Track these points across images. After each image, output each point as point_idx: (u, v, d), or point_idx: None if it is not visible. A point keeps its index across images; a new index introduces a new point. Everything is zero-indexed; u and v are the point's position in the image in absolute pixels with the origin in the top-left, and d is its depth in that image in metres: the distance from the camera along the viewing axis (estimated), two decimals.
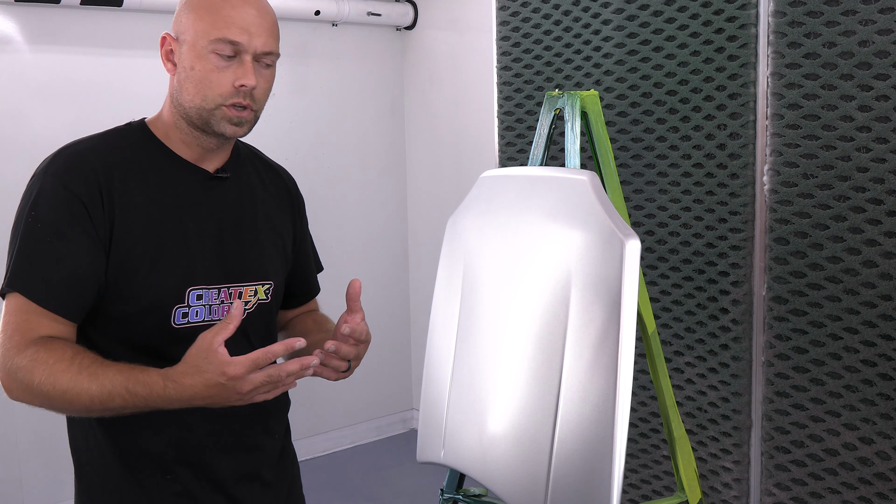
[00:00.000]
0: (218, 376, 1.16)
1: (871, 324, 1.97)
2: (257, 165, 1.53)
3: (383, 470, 3.91)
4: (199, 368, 1.17)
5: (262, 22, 1.33)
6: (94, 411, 1.23)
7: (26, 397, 1.24)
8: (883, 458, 1.99)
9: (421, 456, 1.88)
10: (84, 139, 1.38)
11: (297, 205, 1.58)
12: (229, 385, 1.17)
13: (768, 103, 2.07)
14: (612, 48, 2.38)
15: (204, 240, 1.38)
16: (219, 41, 1.30)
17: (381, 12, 4.00)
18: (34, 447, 3.28)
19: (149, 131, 1.40)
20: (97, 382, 1.20)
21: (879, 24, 1.87)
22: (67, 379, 1.20)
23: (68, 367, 1.21)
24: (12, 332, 1.24)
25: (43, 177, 1.33)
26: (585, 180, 1.60)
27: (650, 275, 2.37)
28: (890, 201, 1.91)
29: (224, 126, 1.34)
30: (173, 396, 1.19)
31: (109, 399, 1.20)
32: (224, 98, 1.32)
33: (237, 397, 1.19)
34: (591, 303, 1.53)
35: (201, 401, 1.19)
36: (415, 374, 4.37)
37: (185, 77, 1.33)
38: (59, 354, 1.22)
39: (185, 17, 1.34)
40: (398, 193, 4.32)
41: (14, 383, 1.23)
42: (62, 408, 1.24)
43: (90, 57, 3.32)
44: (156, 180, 1.36)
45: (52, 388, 1.20)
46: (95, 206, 1.29)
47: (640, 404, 2.45)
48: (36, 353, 1.22)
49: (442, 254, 1.87)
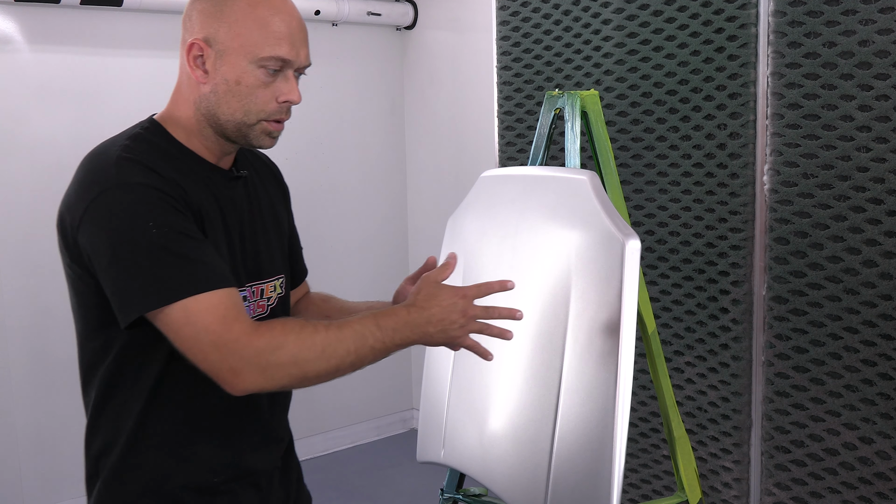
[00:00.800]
0: (454, 297, 1.31)
1: (871, 323, 1.97)
2: (248, 157, 1.52)
3: (383, 470, 3.91)
4: (434, 295, 1.31)
5: (302, 35, 1.33)
6: (345, 366, 1.26)
7: (273, 376, 1.23)
8: (883, 457, 1.98)
9: (421, 456, 1.88)
10: (119, 147, 1.30)
11: (287, 193, 1.60)
12: (461, 306, 1.30)
13: (768, 103, 2.07)
14: (612, 48, 2.38)
15: (233, 241, 1.39)
16: (271, 59, 1.29)
17: (381, 12, 3.99)
18: (34, 447, 3.28)
19: (168, 133, 1.37)
20: (348, 329, 1.26)
21: (879, 23, 1.87)
22: (321, 337, 1.24)
23: (315, 329, 1.25)
24: (224, 323, 1.21)
25: (126, 188, 1.25)
26: (585, 180, 1.60)
27: (650, 274, 2.37)
28: (890, 201, 1.91)
29: (262, 139, 1.35)
30: (416, 320, 1.29)
31: (362, 340, 1.26)
32: (267, 114, 1.32)
33: (461, 321, 1.31)
34: (591, 302, 1.53)
35: (434, 326, 1.30)
36: (415, 373, 4.37)
37: (227, 90, 1.31)
38: (298, 323, 1.27)
39: (221, 26, 1.30)
40: (398, 193, 4.32)
41: (257, 368, 1.21)
42: (316, 371, 1.25)
43: (90, 57, 3.32)
44: (197, 182, 1.34)
45: (311, 350, 1.23)
46: (185, 205, 1.28)
47: (640, 404, 2.45)
48: (272, 330, 1.23)
49: (442, 253, 1.87)
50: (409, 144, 4.31)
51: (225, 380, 1.22)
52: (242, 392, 1.24)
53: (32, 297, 3.25)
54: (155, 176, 1.27)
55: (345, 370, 1.27)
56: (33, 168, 3.22)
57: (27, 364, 3.26)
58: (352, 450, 4.17)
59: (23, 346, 3.24)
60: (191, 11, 1.33)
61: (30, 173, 3.22)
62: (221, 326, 1.21)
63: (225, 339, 1.20)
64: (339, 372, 1.27)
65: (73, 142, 3.29)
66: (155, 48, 3.45)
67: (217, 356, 1.21)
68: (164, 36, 3.47)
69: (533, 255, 1.65)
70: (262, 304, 1.42)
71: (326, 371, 1.25)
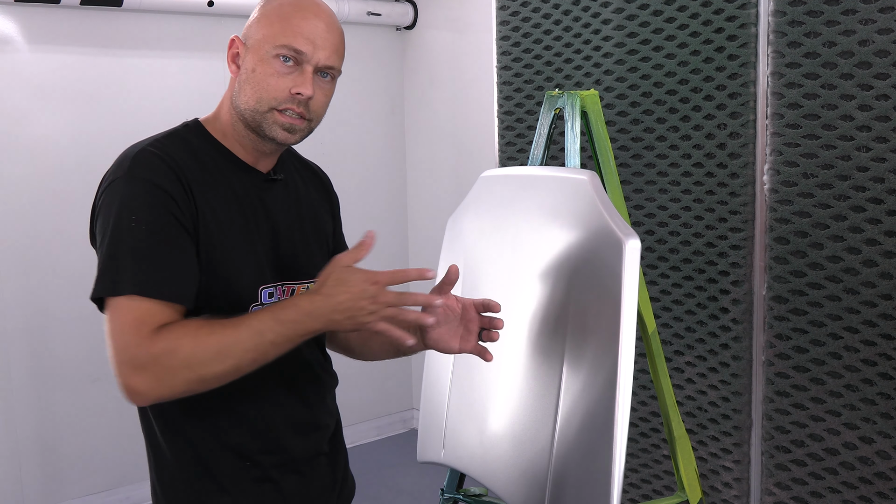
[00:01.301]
0: (365, 283, 1.24)
1: (871, 323, 1.97)
2: (297, 165, 1.56)
3: (384, 470, 3.91)
4: (343, 280, 1.25)
5: (328, 36, 1.36)
6: (245, 364, 1.25)
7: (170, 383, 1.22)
8: (883, 457, 1.98)
9: (421, 456, 1.88)
10: (148, 143, 1.37)
11: (335, 201, 1.63)
12: (371, 292, 1.24)
13: (768, 102, 2.07)
14: (611, 48, 2.38)
15: (264, 240, 1.41)
16: (283, 47, 1.33)
17: (381, 12, 3.99)
18: (34, 448, 3.28)
19: (206, 132, 1.41)
20: (245, 327, 1.24)
21: (879, 23, 1.87)
22: (216, 338, 1.23)
23: (211, 330, 1.24)
24: (135, 328, 1.23)
25: (130, 181, 1.30)
26: (585, 180, 1.60)
27: (650, 274, 2.37)
28: (890, 200, 1.91)
29: (276, 131, 1.36)
30: (320, 309, 1.24)
31: (260, 337, 1.23)
32: (278, 102, 1.34)
33: (372, 307, 1.25)
34: (591, 302, 1.53)
35: (341, 313, 1.25)
36: (415, 373, 4.37)
37: (245, 79, 1.36)
38: (196, 324, 1.25)
39: (255, 24, 1.37)
40: (398, 193, 4.32)
41: (153, 375, 1.21)
42: (213, 373, 1.23)
43: (90, 57, 3.32)
44: (221, 181, 1.38)
45: (205, 352, 1.22)
46: (185, 204, 1.31)
47: (640, 404, 2.45)
48: (170, 333, 1.23)
49: (442, 253, 1.87)
50: (409, 144, 4.31)
51: (125, 386, 1.22)
52: (140, 402, 1.24)
53: (32, 298, 3.24)
54: (166, 173, 1.31)
55: (246, 368, 1.26)
56: (33, 168, 3.22)
57: (27, 365, 3.26)
58: (352, 450, 4.17)
59: (23, 347, 3.24)
60: None
61: (29, 174, 3.22)
62: (130, 330, 1.23)
63: (127, 342, 1.22)
64: (239, 371, 1.26)
65: (73, 142, 3.29)
66: (155, 49, 3.45)
67: (118, 360, 1.22)
68: (164, 37, 3.47)
69: (533, 254, 1.65)
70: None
71: (225, 371, 1.24)
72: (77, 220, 3.23)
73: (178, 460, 1.40)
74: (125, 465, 3.44)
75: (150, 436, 1.43)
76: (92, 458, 3.41)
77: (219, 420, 1.39)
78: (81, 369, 3.34)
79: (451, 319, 1.45)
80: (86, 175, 3.27)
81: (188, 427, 1.39)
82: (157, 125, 1.50)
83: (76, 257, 3.25)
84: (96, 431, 3.40)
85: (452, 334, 1.45)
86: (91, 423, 3.38)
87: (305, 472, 1.48)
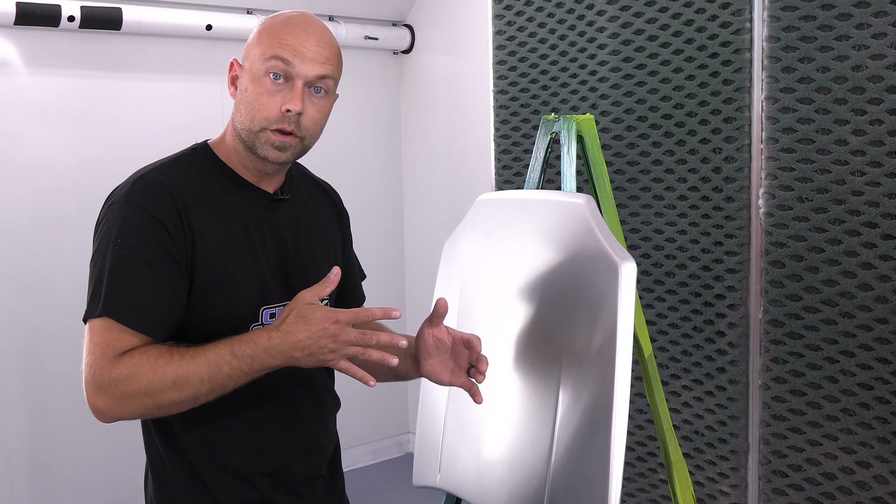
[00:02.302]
0: (325, 321, 1.24)
1: (867, 347, 1.97)
2: (306, 183, 1.57)
3: (379, 494, 3.89)
4: (304, 318, 1.25)
5: (319, 50, 1.36)
6: (202, 394, 1.26)
7: (129, 406, 1.25)
8: (881, 482, 1.98)
9: (417, 480, 1.87)
10: (154, 166, 1.39)
11: (344, 218, 1.64)
12: (332, 331, 1.23)
13: (763, 127, 2.08)
14: (607, 72, 2.40)
15: (270, 260, 1.42)
16: (271, 58, 1.33)
17: (379, 36, 4.02)
18: (27, 468, 3.26)
19: (213, 154, 1.43)
20: (202, 359, 1.25)
21: (872, 48, 1.89)
22: (173, 368, 1.24)
23: (170, 359, 1.25)
24: (102, 350, 1.26)
25: (125, 205, 1.33)
26: (581, 203, 1.61)
27: (646, 298, 2.37)
28: (885, 224, 1.91)
29: (267, 150, 1.36)
30: (278, 346, 1.25)
31: (217, 370, 1.25)
32: (269, 122, 1.35)
33: (332, 346, 1.24)
34: (587, 326, 1.52)
35: (300, 351, 1.25)
36: (411, 397, 4.36)
37: (240, 99, 1.37)
38: (156, 352, 1.26)
39: (250, 43, 1.39)
40: (395, 216, 4.33)
41: (112, 397, 1.25)
42: (170, 400, 1.25)
43: (88, 80, 3.33)
44: (225, 203, 1.39)
45: (161, 381, 1.24)
46: (178, 232, 1.32)
47: (636, 427, 2.44)
48: (131, 360, 1.25)
49: (438, 276, 1.87)
50: (406, 167, 4.32)
51: (89, 403, 1.26)
52: (103, 420, 1.27)
53: (27, 319, 3.24)
54: (163, 200, 1.32)
55: (204, 397, 1.27)
56: (30, 190, 3.23)
57: (21, 385, 3.24)
58: (348, 474, 4.14)
59: (17, 367, 3.23)
60: None
61: (26, 195, 3.22)
62: (97, 351, 1.26)
63: (93, 363, 1.26)
64: (197, 400, 1.27)
65: (71, 164, 3.30)
66: (153, 72, 3.47)
67: (86, 378, 1.26)
68: (163, 60, 3.49)
69: (529, 278, 1.65)
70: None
71: (181, 400, 1.26)
72: (73, 241, 3.23)
73: (177, 477, 1.40)
74: (118, 485, 3.42)
75: (151, 451, 1.43)
76: (85, 478, 3.38)
77: (219, 439, 1.39)
78: (75, 390, 3.30)
79: (442, 351, 1.43)
80: (82, 197, 3.28)
81: (188, 444, 1.39)
82: (155, 148, 1.51)
83: (71, 278, 3.24)
84: (89, 452, 3.38)
85: (444, 366, 1.44)
86: (84, 444, 3.36)
87: (304, 494, 1.48)
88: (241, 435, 1.40)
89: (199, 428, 1.38)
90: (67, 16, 3.11)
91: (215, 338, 1.33)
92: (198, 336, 1.35)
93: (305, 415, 1.46)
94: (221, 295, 1.35)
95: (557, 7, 2.50)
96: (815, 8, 1.96)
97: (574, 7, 2.46)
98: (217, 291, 1.35)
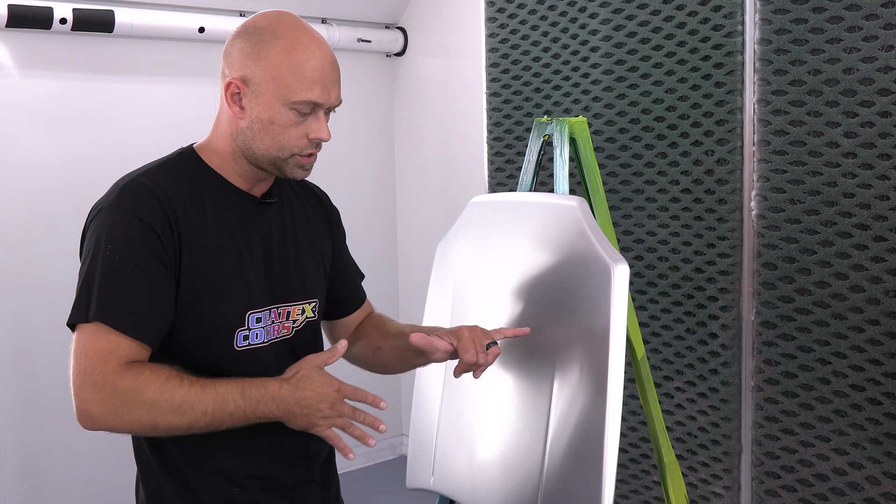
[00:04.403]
0: (328, 387, 1.31)
1: (859, 348, 1.97)
2: (294, 186, 1.57)
3: (373, 496, 3.88)
4: (312, 379, 1.32)
5: (335, 75, 1.38)
6: (199, 425, 1.28)
7: (124, 419, 1.25)
8: (873, 482, 1.98)
9: (410, 482, 1.87)
10: (140, 171, 1.39)
11: (333, 219, 1.63)
12: (332, 398, 1.31)
13: (755, 129, 2.09)
14: (600, 75, 2.40)
15: (256, 264, 1.42)
16: (303, 103, 1.35)
17: (372, 39, 4.02)
18: (19, 473, 3.25)
19: (199, 158, 1.43)
20: (211, 391, 1.28)
21: (864, 51, 1.90)
22: (182, 393, 1.26)
23: (179, 383, 1.27)
24: (103, 358, 1.26)
25: (114, 210, 1.33)
26: (574, 205, 1.61)
27: (639, 300, 2.37)
28: (876, 226, 1.92)
29: (296, 171, 1.40)
30: (284, 398, 1.30)
31: (222, 405, 1.28)
32: (300, 150, 1.38)
33: (327, 412, 1.32)
34: (579, 328, 1.53)
35: (301, 409, 1.31)
36: (404, 399, 4.35)
37: (261, 129, 1.36)
38: (167, 373, 1.28)
39: (258, 68, 1.34)
40: (388, 218, 4.33)
41: (110, 406, 1.24)
42: (168, 423, 1.26)
43: (80, 82, 3.32)
44: (211, 208, 1.39)
45: (167, 403, 1.25)
46: (167, 237, 1.32)
47: (629, 429, 2.45)
48: (141, 374, 1.26)
49: (432, 279, 1.87)
50: (399, 170, 4.32)
51: (77, 408, 1.26)
52: (89, 426, 1.27)
53: (18, 322, 3.22)
54: (151, 205, 1.33)
55: (199, 428, 1.29)
56: (22, 192, 3.21)
57: (12, 389, 3.23)
58: (342, 476, 4.13)
59: (8, 370, 3.22)
60: (231, 48, 1.39)
61: (18, 197, 3.21)
62: (99, 357, 1.26)
63: (93, 367, 1.25)
64: (192, 429, 1.29)
65: (62, 167, 3.29)
66: (145, 74, 3.46)
67: (79, 382, 1.26)
68: (155, 62, 3.48)
69: (522, 280, 1.65)
70: (287, 326, 1.46)
71: (178, 426, 1.28)
72: (65, 244, 3.22)
73: (167, 483, 1.40)
74: (109, 489, 3.41)
75: (141, 457, 1.43)
76: (76, 482, 3.37)
77: (207, 444, 1.38)
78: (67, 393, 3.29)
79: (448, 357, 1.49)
80: (74, 200, 3.26)
81: (176, 450, 1.39)
82: (147, 150, 1.50)
83: (63, 282, 3.23)
84: (81, 456, 3.36)
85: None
86: (75, 448, 3.35)
87: (295, 498, 1.48)
88: (230, 440, 1.39)
89: (188, 434, 1.37)
90: (59, 18, 3.10)
91: (201, 342, 1.34)
92: (184, 340, 1.35)
93: None
94: (207, 299, 1.36)
95: (550, 10, 2.51)
96: (806, 11, 1.97)
97: (566, 10, 2.47)
98: (203, 296, 1.35)
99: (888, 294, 1.92)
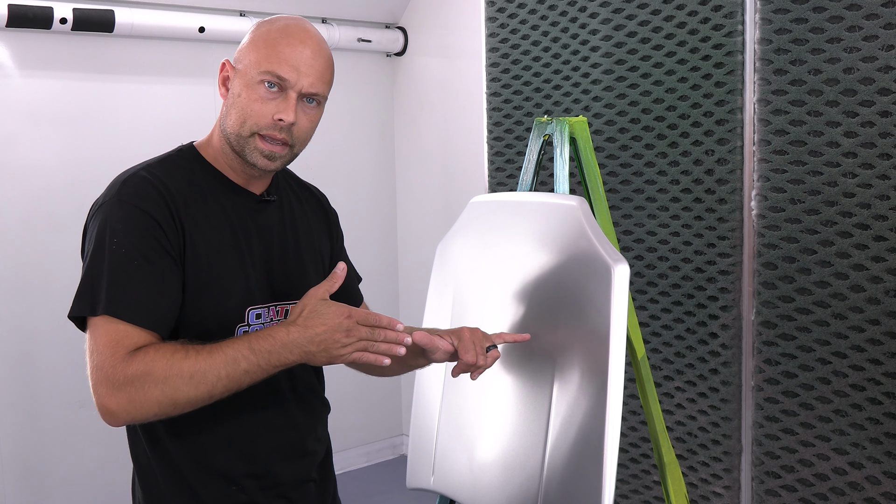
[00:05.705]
0: (340, 316, 1.26)
1: (859, 348, 1.97)
2: (293, 185, 1.57)
3: (373, 496, 3.88)
4: (319, 312, 1.27)
5: (314, 63, 1.37)
6: (218, 391, 1.26)
7: (143, 405, 1.24)
8: (873, 482, 1.98)
9: (411, 482, 1.87)
10: (141, 166, 1.39)
11: (332, 220, 1.64)
12: (346, 326, 1.26)
13: (755, 129, 2.09)
14: (600, 74, 2.40)
15: (255, 261, 1.42)
16: (267, 73, 1.34)
17: (372, 38, 4.02)
18: (19, 474, 3.25)
19: (199, 155, 1.43)
20: (219, 354, 1.25)
21: (864, 51, 1.90)
22: (190, 364, 1.24)
23: (185, 355, 1.25)
24: (111, 350, 1.25)
25: (117, 203, 1.33)
26: (574, 205, 1.61)
27: (639, 299, 2.37)
28: (876, 226, 1.92)
29: (256, 157, 1.37)
30: (296, 340, 1.26)
31: (234, 366, 1.25)
32: (259, 128, 1.35)
33: (345, 341, 1.27)
34: (580, 328, 1.53)
35: (317, 345, 1.26)
36: (405, 399, 4.35)
37: (232, 103, 1.37)
38: (171, 348, 1.26)
39: (245, 48, 1.38)
40: (388, 218, 4.33)
41: (126, 396, 1.23)
42: (186, 397, 1.24)
43: (81, 82, 3.32)
44: (212, 204, 1.39)
45: (178, 377, 1.23)
46: (171, 229, 1.32)
47: (629, 429, 2.45)
48: (146, 356, 1.24)
49: (432, 278, 1.87)
50: (399, 170, 4.32)
51: (99, 406, 1.24)
52: (112, 422, 1.25)
53: (20, 322, 3.22)
54: (154, 198, 1.33)
55: (219, 394, 1.27)
56: (22, 192, 3.21)
57: (13, 389, 3.23)
58: (341, 476, 4.14)
59: (9, 370, 3.22)
60: None
61: (18, 197, 3.21)
62: (107, 350, 1.25)
63: (103, 362, 1.24)
64: (212, 397, 1.27)
65: (63, 166, 3.29)
66: (146, 74, 3.46)
67: (94, 378, 1.25)
68: (155, 62, 3.48)
69: (522, 279, 1.65)
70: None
71: (198, 396, 1.25)
72: (66, 244, 3.22)
73: (165, 481, 1.40)
74: (108, 488, 3.40)
75: (138, 455, 1.43)
76: (75, 481, 3.37)
77: (204, 442, 1.38)
78: (68, 394, 3.31)
79: (448, 358, 1.49)
80: (75, 199, 3.26)
81: (173, 447, 1.38)
82: (148, 150, 1.50)
83: (64, 281, 3.23)
84: (82, 456, 3.36)
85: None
86: (77, 448, 3.35)
87: (293, 497, 1.48)
88: (227, 439, 1.39)
89: (185, 431, 1.37)
90: (60, 18, 3.10)
91: (202, 338, 1.33)
92: (185, 334, 1.34)
93: (293, 419, 1.46)
94: (208, 295, 1.35)
95: (550, 10, 2.51)
96: (806, 11, 1.97)
97: (567, 10, 2.47)
98: (204, 291, 1.35)
99: (888, 294, 1.92)
